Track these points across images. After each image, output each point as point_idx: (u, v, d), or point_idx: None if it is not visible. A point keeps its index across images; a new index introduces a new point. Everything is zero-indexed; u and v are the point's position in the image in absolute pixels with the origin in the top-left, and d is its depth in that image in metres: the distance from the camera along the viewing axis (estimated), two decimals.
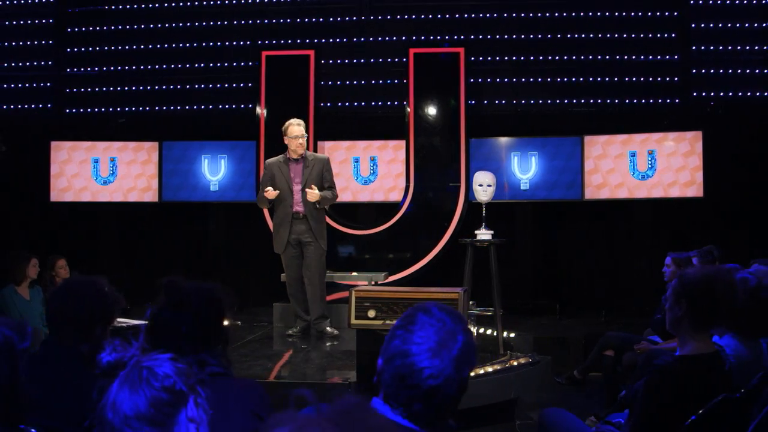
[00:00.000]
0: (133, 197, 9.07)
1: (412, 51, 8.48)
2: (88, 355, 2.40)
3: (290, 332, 6.32)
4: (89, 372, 1.70)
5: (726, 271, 2.65)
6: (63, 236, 9.05)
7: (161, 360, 1.65)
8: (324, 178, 6.29)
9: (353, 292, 4.15)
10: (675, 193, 8.34)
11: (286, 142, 6.38)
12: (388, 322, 4.02)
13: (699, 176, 8.21)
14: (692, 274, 2.65)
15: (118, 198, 9.08)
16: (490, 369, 4.61)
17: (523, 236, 8.94)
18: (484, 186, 5.71)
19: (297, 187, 6.22)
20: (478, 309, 5.51)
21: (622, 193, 8.49)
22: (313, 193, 6.07)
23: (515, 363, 4.87)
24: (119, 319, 5.63)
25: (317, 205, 6.17)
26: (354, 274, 7.34)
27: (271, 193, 6.11)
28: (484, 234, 5.62)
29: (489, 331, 6.57)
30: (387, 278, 7.60)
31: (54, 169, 9.03)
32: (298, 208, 6.18)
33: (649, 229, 8.62)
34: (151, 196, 9.05)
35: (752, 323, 3.04)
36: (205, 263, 9.26)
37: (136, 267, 9.20)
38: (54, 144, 9.02)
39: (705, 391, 2.55)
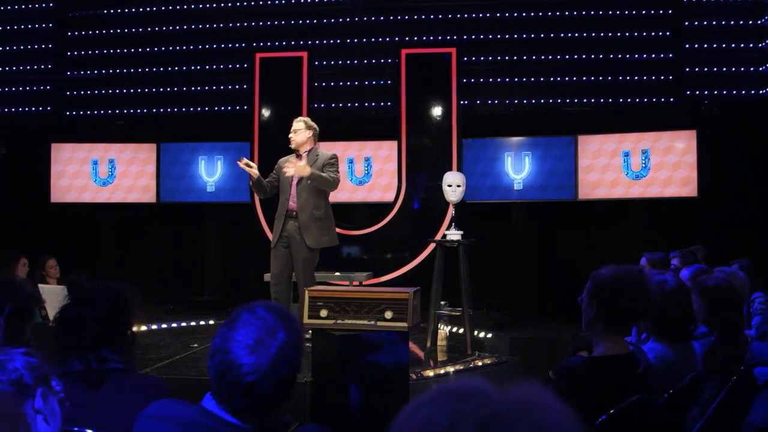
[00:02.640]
0: (131, 198, 9.21)
1: (403, 51, 8.49)
2: None
3: None
4: None
5: (636, 271, 2.62)
6: (62, 236, 9.20)
7: (13, 354, 1.71)
8: (323, 171, 5.92)
9: (306, 292, 4.18)
10: (669, 192, 8.26)
11: None
12: (339, 321, 4.05)
13: (693, 175, 8.13)
14: (603, 274, 2.63)
15: (116, 199, 9.22)
16: (451, 369, 4.61)
17: (516, 236, 8.91)
18: (453, 186, 5.69)
19: (294, 182, 5.96)
20: (447, 309, 5.50)
21: (616, 193, 8.44)
22: (300, 165, 5.72)
23: (480, 363, 4.87)
24: None
25: (307, 181, 5.82)
26: (337, 273, 7.35)
27: (243, 163, 5.77)
28: (453, 234, 5.61)
29: (477, 333, 6.58)
30: (370, 279, 7.60)
31: (54, 170, 9.20)
32: (293, 204, 5.90)
33: (643, 229, 8.55)
34: (149, 197, 9.17)
35: (673, 327, 3.02)
36: (200, 263, 9.36)
37: (134, 267, 9.34)
38: (54, 146, 9.20)
39: (614, 393, 2.53)
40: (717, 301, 3.54)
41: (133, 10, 9.57)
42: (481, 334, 6.43)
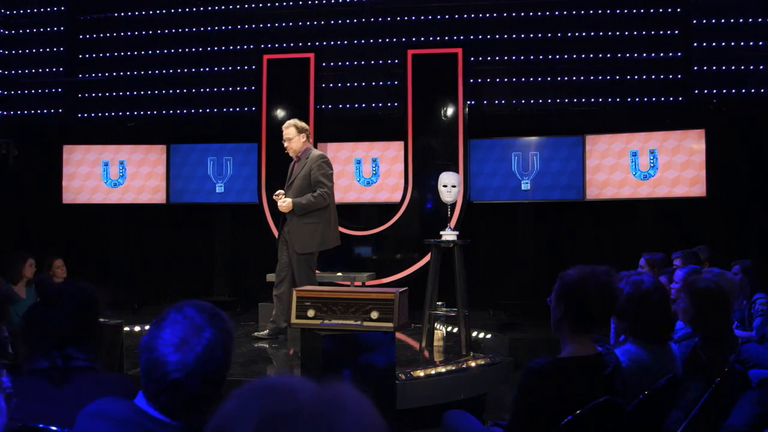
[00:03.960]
0: (142, 199, 9.30)
1: (410, 52, 8.50)
2: None
3: (256, 334, 6.16)
4: None
5: (603, 272, 2.60)
6: (74, 237, 9.34)
7: None
8: (311, 177, 6.00)
9: (294, 292, 4.21)
10: (677, 192, 8.18)
11: None
12: (326, 321, 4.07)
13: (702, 175, 8.05)
14: (570, 275, 2.62)
15: (127, 200, 9.32)
16: (442, 369, 4.61)
17: (524, 237, 8.87)
18: (448, 187, 5.67)
19: (286, 184, 6.14)
20: (444, 309, 5.50)
21: (624, 193, 8.38)
22: (281, 205, 5.92)
23: (473, 364, 4.86)
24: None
25: (294, 212, 5.96)
26: (339, 274, 7.37)
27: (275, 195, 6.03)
28: (448, 235, 5.60)
29: (477, 333, 6.57)
30: (372, 279, 7.61)
31: (66, 171, 9.33)
32: None
33: (651, 229, 8.48)
34: (159, 197, 9.26)
35: (649, 328, 2.99)
36: (210, 263, 9.44)
37: (144, 267, 9.46)
38: (66, 147, 9.32)
39: (580, 394, 2.52)
40: (705, 303, 3.50)
41: (143, 12, 9.68)
42: (481, 335, 6.41)
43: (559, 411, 2.49)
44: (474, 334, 6.38)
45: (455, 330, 6.11)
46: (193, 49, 9.58)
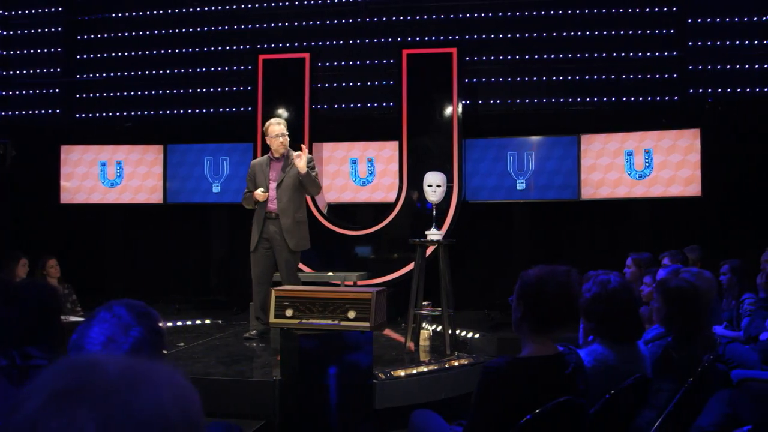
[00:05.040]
0: (139, 199, 9.34)
1: (404, 52, 8.51)
2: None
3: (247, 335, 6.16)
4: None
5: (562, 272, 2.59)
6: (72, 237, 9.39)
7: None
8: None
9: (273, 291, 4.22)
10: (673, 192, 8.16)
11: (268, 142, 6.19)
12: (304, 321, 4.08)
13: (697, 174, 8.03)
14: (529, 275, 2.63)
15: (124, 200, 9.36)
16: (424, 369, 4.61)
17: (519, 237, 8.86)
18: (433, 186, 5.67)
19: (273, 185, 6.08)
20: (428, 309, 5.50)
21: (619, 193, 8.36)
22: (299, 163, 5.87)
23: (456, 363, 4.85)
24: (71, 318, 5.91)
25: (299, 177, 5.93)
26: (330, 274, 7.38)
27: (260, 195, 5.96)
28: (433, 234, 5.60)
29: (466, 333, 6.57)
30: (363, 279, 7.62)
31: (64, 171, 9.38)
32: (272, 206, 6.02)
33: (647, 229, 8.45)
34: (156, 197, 9.30)
35: (616, 327, 2.98)
36: (206, 263, 9.47)
37: (141, 266, 9.49)
38: (64, 148, 9.38)
39: (539, 394, 2.52)
40: (676, 302, 3.50)
41: (140, 13, 9.73)
42: (469, 335, 6.41)
43: (518, 411, 2.48)
44: (462, 333, 6.38)
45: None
46: (190, 50, 9.62)
